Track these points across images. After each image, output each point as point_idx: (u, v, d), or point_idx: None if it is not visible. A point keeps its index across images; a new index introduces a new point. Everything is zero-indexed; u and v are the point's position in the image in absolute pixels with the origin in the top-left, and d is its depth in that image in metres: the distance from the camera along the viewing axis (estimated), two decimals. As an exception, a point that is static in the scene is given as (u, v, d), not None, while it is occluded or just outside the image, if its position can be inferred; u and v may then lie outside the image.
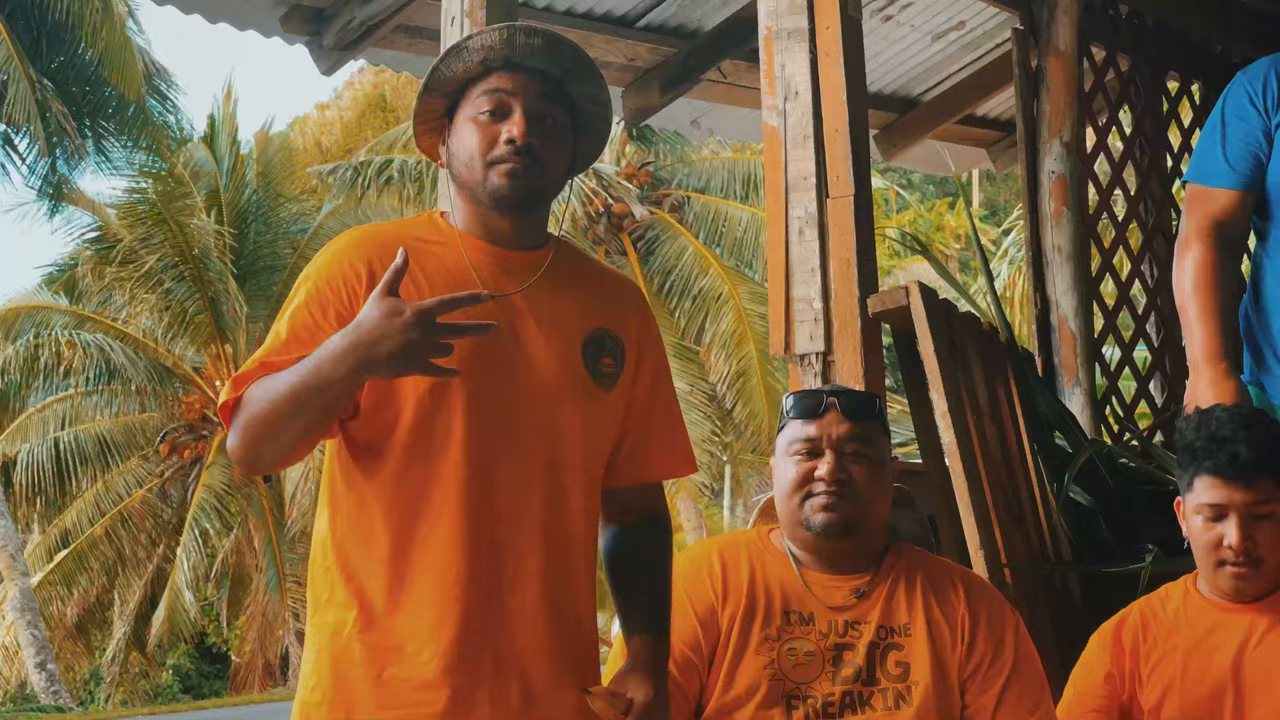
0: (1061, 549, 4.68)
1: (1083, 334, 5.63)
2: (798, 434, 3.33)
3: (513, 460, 2.80)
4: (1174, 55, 6.65)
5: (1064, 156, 5.68)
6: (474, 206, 2.87)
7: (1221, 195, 4.03)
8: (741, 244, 24.61)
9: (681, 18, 6.49)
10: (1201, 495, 3.40)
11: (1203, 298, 3.98)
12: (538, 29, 2.89)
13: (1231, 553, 3.37)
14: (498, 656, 2.77)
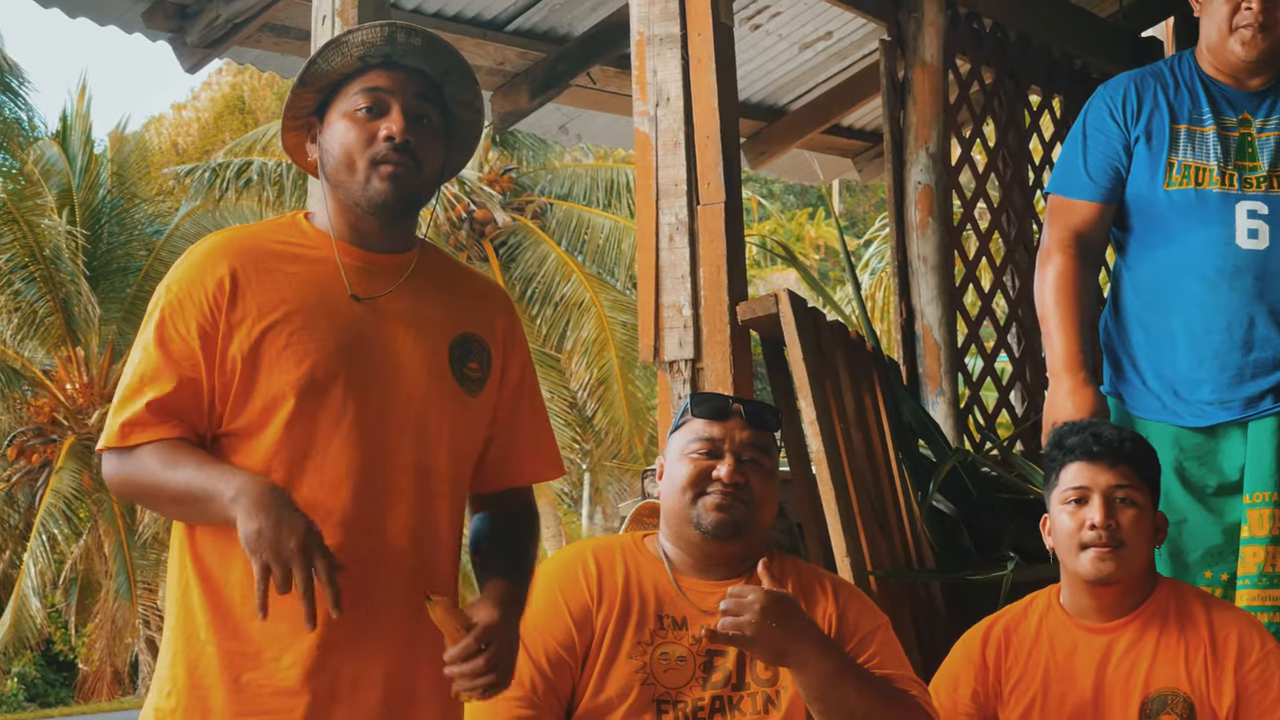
0: (925, 556, 4.72)
1: (946, 343, 5.68)
2: (699, 433, 3.34)
3: (382, 467, 2.78)
4: (1036, 69, 6.75)
5: (930, 167, 5.73)
6: (344, 207, 2.84)
7: (1082, 207, 4.09)
8: (604, 251, 24.59)
9: (552, 22, 6.48)
10: (1067, 483, 3.47)
11: (1063, 308, 4.04)
12: (418, 29, 2.87)
13: (1094, 533, 3.41)
14: (360, 663, 2.74)
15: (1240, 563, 3.90)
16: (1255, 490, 3.91)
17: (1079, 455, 3.47)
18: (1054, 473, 3.52)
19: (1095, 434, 3.49)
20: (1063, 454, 3.51)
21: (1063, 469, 3.50)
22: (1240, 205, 3.95)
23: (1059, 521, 3.48)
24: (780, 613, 3.07)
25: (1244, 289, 3.93)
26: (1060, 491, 3.49)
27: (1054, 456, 3.54)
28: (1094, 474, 3.45)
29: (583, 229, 24.69)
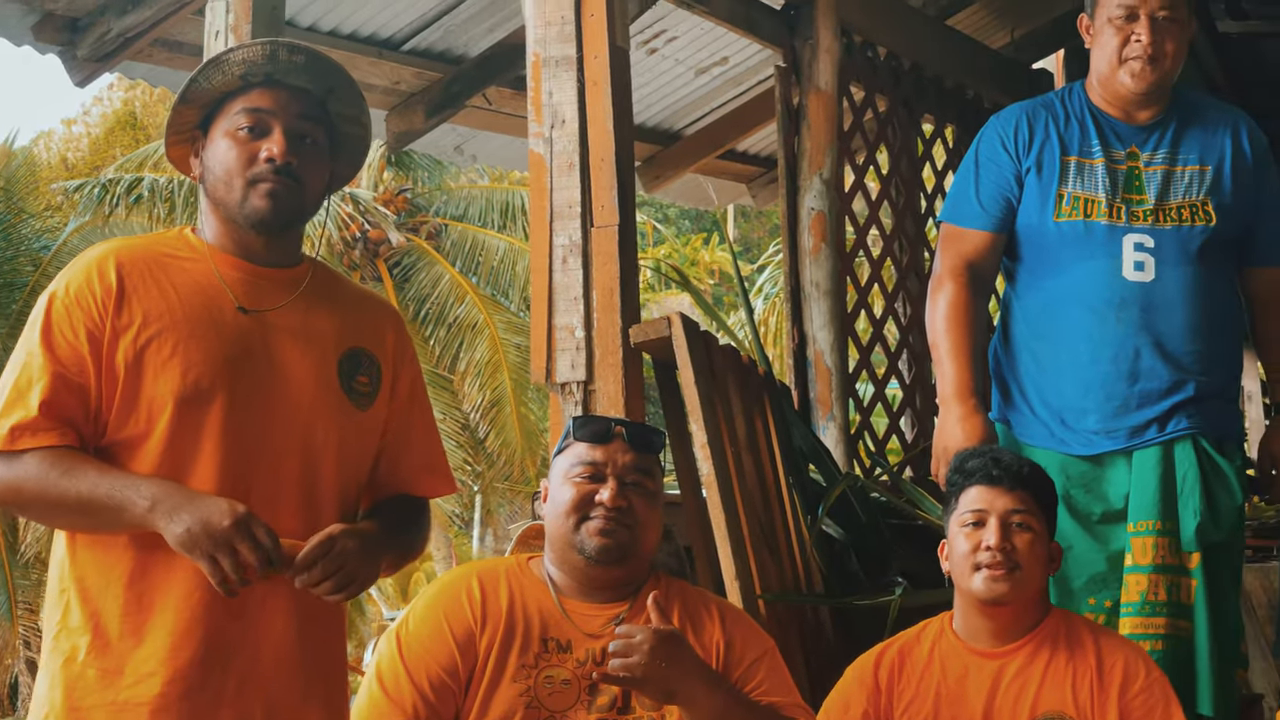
0: (814, 581, 4.73)
1: (838, 369, 5.70)
2: (582, 457, 3.33)
3: (266, 478, 2.77)
4: (929, 98, 6.81)
5: (823, 193, 5.76)
6: (226, 222, 2.83)
7: (974, 236, 4.13)
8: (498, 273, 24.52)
9: (448, 42, 6.46)
10: (966, 506, 3.51)
11: (953, 335, 4.07)
12: (301, 46, 2.86)
13: (989, 554, 3.44)
14: (242, 676, 2.73)
15: (1124, 590, 3.94)
16: (1139, 519, 3.95)
17: (978, 479, 3.51)
18: (954, 496, 3.56)
19: (995, 459, 3.53)
20: (963, 478, 3.55)
21: (962, 493, 3.53)
22: (1127, 238, 3.99)
23: (956, 544, 3.51)
24: (668, 652, 3.08)
25: (1130, 320, 3.97)
26: (959, 514, 3.52)
27: (954, 481, 3.58)
28: (992, 498, 3.49)
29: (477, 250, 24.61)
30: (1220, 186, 4.05)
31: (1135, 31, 3.98)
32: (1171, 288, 3.98)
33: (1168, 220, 4.00)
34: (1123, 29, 3.99)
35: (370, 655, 3.20)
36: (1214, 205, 4.03)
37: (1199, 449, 3.99)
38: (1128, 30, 3.99)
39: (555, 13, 4.60)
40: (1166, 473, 3.96)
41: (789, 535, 4.69)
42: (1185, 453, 3.98)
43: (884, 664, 3.55)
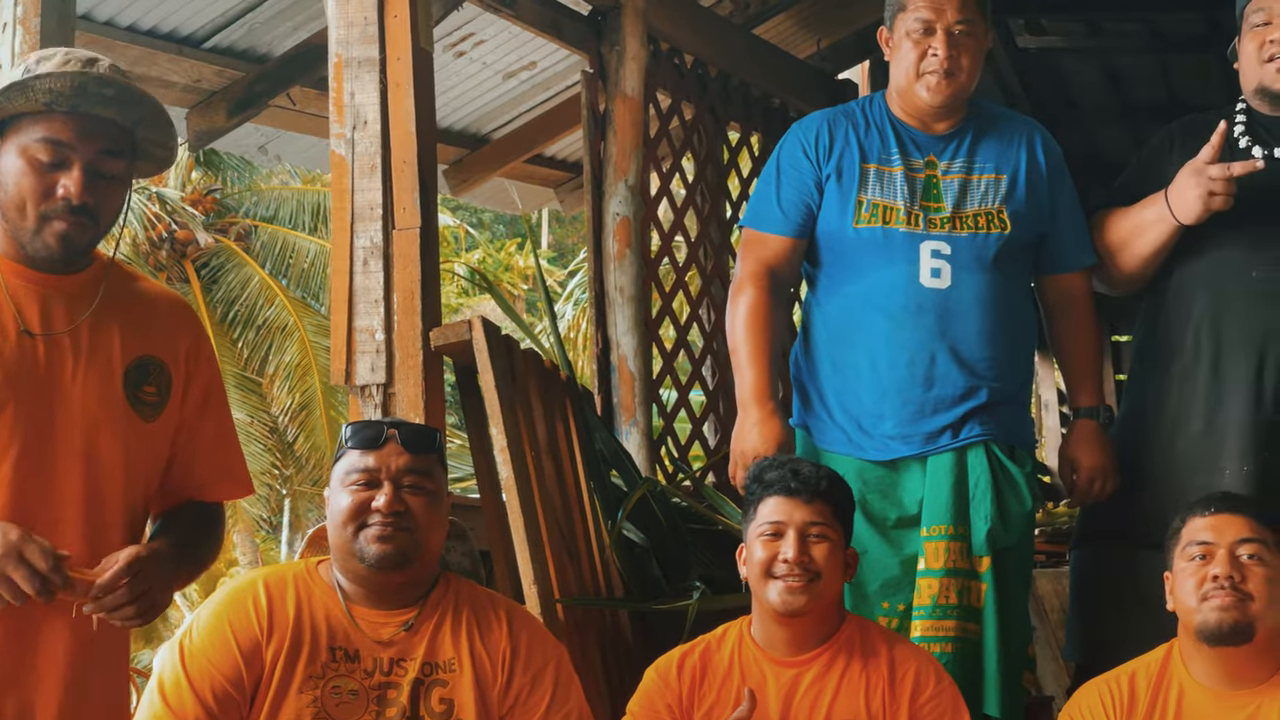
0: (614, 585, 4.73)
1: (641, 375, 5.72)
2: (356, 464, 3.28)
3: (51, 499, 2.71)
4: (736, 106, 6.86)
5: (629, 199, 5.77)
6: (11, 238, 2.77)
7: (775, 241, 4.15)
8: (309, 275, 24.26)
9: (251, 41, 6.37)
10: (764, 516, 3.53)
11: (753, 340, 4.09)
12: (111, 79, 2.79)
13: (786, 565, 3.47)
14: (23, 702, 2.69)
15: (916, 594, 3.98)
16: (932, 524, 4.00)
17: (777, 490, 3.53)
18: (752, 506, 3.58)
19: (794, 470, 3.55)
20: (761, 488, 3.56)
21: (761, 503, 3.55)
22: (924, 245, 4.04)
23: (754, 553, 3.53)
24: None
25: (926, 327, 4.02)
26: (757, 525, 3.54)
27: (753, 490, 3.59)
28: (790, 509, 3.51)
29: (288, 252, 24.33)
30: (1015, 195, 4.11)
31: (932, 45, 4.02)
32: (967, 294, 4.03)
33: (964, 228, 4.06)
34: (920, 43, 4.04)
35: (157, 660, 3.14)
36: (1009, 213, 4.09)
37: (991, 455, 4.05)
38: (925, 44, 4.03)
39: (358, 14, 4.56)
40: (959, 478, 4.02)
41: (589, 540, 4.69)
42: (978, 458, 4.04)
43: (686, 667, 3.55)
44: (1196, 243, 4.18)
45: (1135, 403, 4.37)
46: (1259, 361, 4.09)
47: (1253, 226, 4.13)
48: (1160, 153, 4.35)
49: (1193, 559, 3.49)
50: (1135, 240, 4.21)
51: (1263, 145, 4.17)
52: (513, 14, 5.79)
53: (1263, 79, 4.15)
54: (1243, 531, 3.48)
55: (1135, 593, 4.11)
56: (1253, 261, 4.12)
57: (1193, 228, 4.15)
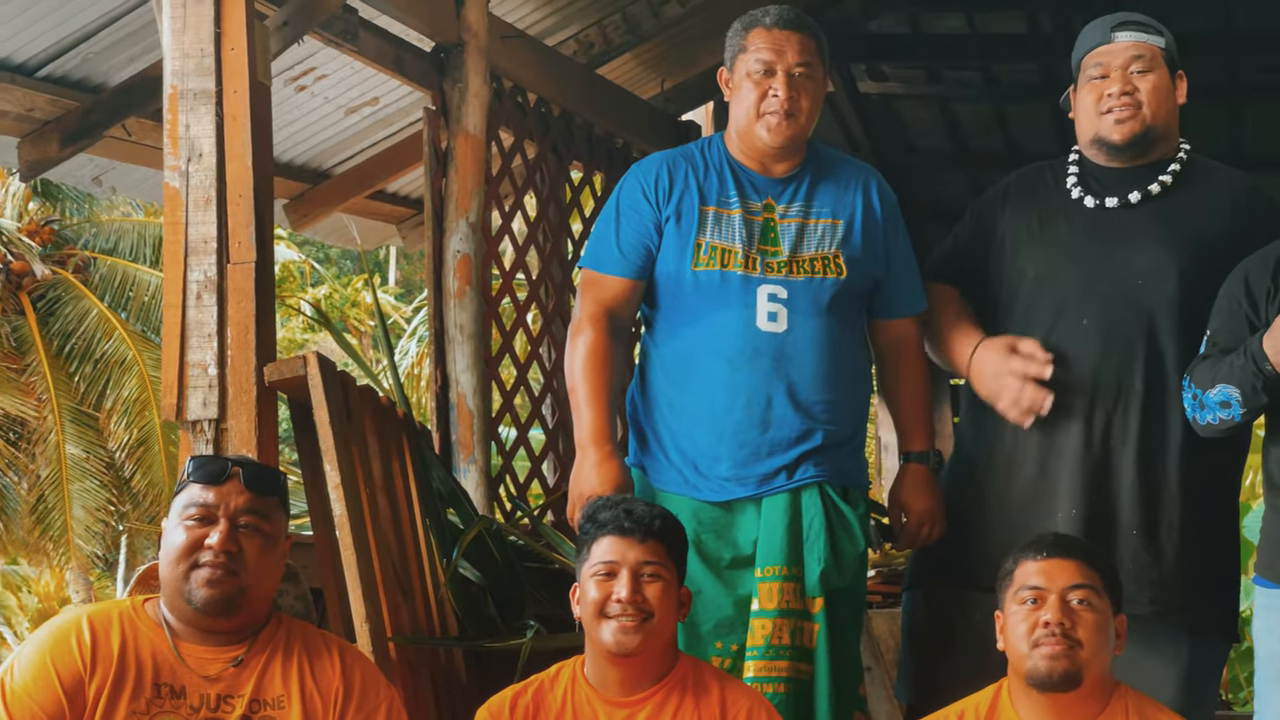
0: (448, 624, 4.70)
1: (480, 412, 5.69)
2: (194, 499, 3.25)
3: None
4: (579, 145, 6.87)
5: (469, 236, 5.75)
6: None
7: (613, 282, 4.16)
8: (149, 309, 23.89)
9: (87, 70, 6.26)
10: (598, 556, 3.52)
11: (591, 381, 4.09)
12: None
13: (619, 605, 3.47)
14: None
15: (749, 634, 4.00)
16: (766, 564, 4.02)
17: (610, 530, 3.53)
18: (586, 545, 3.57)
19: (628, 510, 3.55)
20: (595, 528, 3.56)
21: (594, 542, 3.55)
22: (762, 288, 4.06)
23: (587, 593, 3.52)
24: None
25: (763, 370, 4.04)
26: (590, 565, 3.53)
27: (586, 530, 3.58)
28: (624, 549, 3.51)
29: (128, 285, 23.95)
30: (851, 240, 4.15)
31: (773, 87, 4.05)
32: (803, 338, 4.06)
33: (801, 272, 4.09)
34: (760, 84, 4.07)
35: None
36: (845, 258, 4.12)
37: (825, 496, 4.08)
38: (765, 85, 4.06)
39: (194, 45, 4.51)
40: (794, 519, 4.04)
41: (424, 578, 4.66)
42: (812, 500, 4.06)
43: (519, 706, 3.53)
44: (1029, 293, 4.26)
45: (967, 446, 4.42)
46: (1089, 407, 4.16)
47: (1082, 274, 4.21)
48: (994, 206, 4.43)
49: (1024, 603, 3.52)
50: (948, 356, 4.36)
51: (1094, 195, 4.24)
52: (355, 49, 5.74)
53: (1100, 130, 4.23)
54: (1074, 577, 3.53)
55: (966, 634, 4.16)
56: (1083, 308, 4.20)
57: (1026, 275, 4.24)
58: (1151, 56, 4.18)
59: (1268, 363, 3.77)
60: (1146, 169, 4.25)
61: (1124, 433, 4.15)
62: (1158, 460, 4.15)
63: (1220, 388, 3.88)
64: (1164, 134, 4.23)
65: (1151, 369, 4.16)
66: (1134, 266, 4.17)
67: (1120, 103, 4.18)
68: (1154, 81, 4.18)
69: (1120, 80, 4.18)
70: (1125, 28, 4.21)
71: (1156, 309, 4.16)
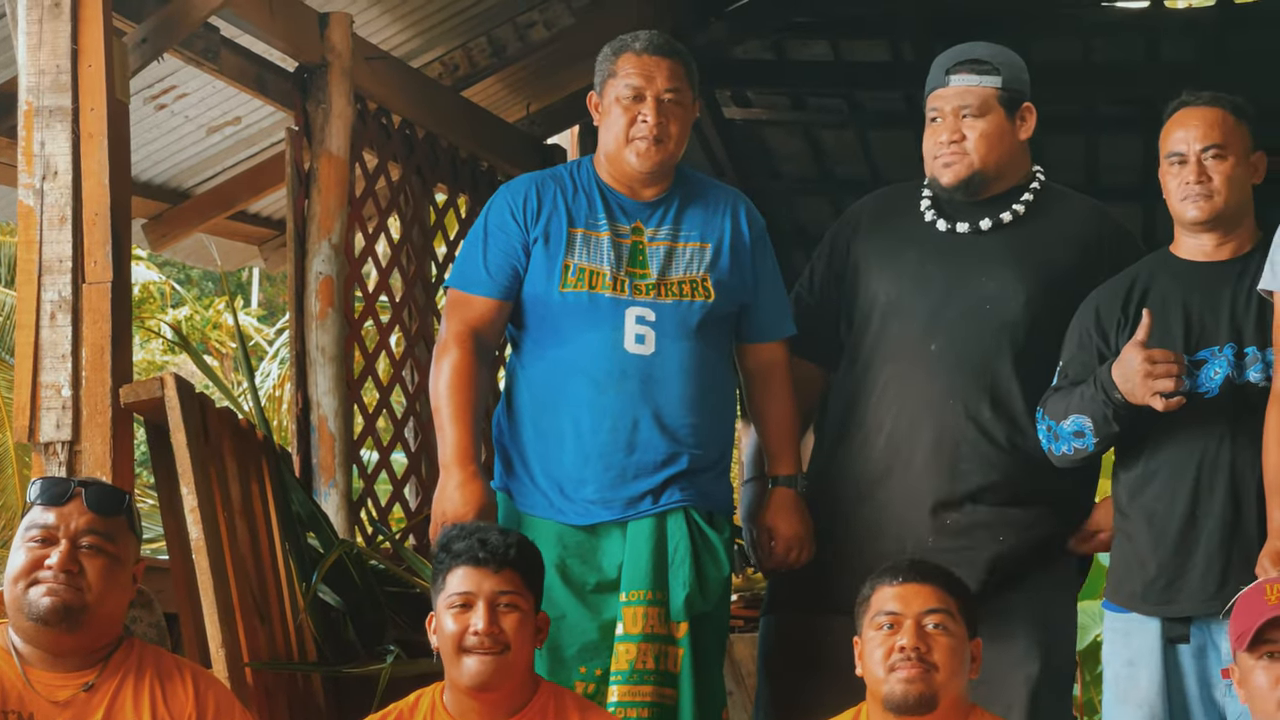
0: (307, 649, 4.65)
1: (342, 435, 5.64)
2: (36, 520, 3.22)
3: None
4: (443, 168, 6.83)
5: (332, 258, 5.70)
6: None
7: (480, 303, 4.14)
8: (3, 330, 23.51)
9: (-61, 86, 6.15)
10: (453, 587, 3.49)
11: (456, 402, 4.07)
12: None
13: (476, 638, 3.44)
14: None
15: (614, 659, 3.99)
16: (631, 589, 4.02)
17: (464, 560, 3.50)
18: (441, 576, 3.53)
19: (482, 540, 3.52)
20: (450, 558, 3.53)
21: (449, 573, 3.51)
22: (630, 311, 4.07)
23: (444, 625, 3.49)
24: None
25: (630, 392, 4.04)
26: (446, 596, 3.50)
27: (442, 560, 3.55)
28: (479, 579, 3.48)
29: (-19, 305, 23.56)
30: (719, 264, 4.16)
31: (642, 112, 4.06)
32: (670, 361, 4.07)
33: (669, 295, 4.09)
34: (630, 109, 4.08)
35: None
36: (713, 282, 4.14)
37: (691, 521, 4.08)
38: (635, 110, 4.07)
39: (50, 61, 4.43)
40: (659, 543, 4.04)
41: (282, 602, 4.60)
42: (678, 524, 4.07)
43: None
44: (881, 318, 4.30)
45: (822, 472, 4.45)
46: (937, 432, 4.21)
47: (932, 298, 4.26)
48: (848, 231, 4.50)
49: (881, 628, 3.55)
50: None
51: (946, 220, 4.30)
52: (216, 68, 5.68)
53: (933, 172, 4.31)
54: (930, 602, 3.55)
55: (825, 658, 4.18)
56: (930, 334, 4.24)
57: (879, 299, 4.27)
58: (982, 101, 4.24)
59: (1117, 392, 3.84)
60: (999, 198, 4.30)
61: (973, 458, 4.20)
62: (1002, 483, 4.21)
63: (1073, 418, 3.95)
64: (998, 174, 4.29)
65: (998, 394, 4.21)
66: (983, 292, 4.23)
67: (949, 150, 4.25)
68: (982, 128, 4.24)
69: (949, 128, 4.25)
70: (959, 70, 4.27)
71: (1004, 334, 4.22)
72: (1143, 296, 4.01)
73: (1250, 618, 3.32)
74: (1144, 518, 3.96)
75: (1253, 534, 3.84)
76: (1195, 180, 3.93)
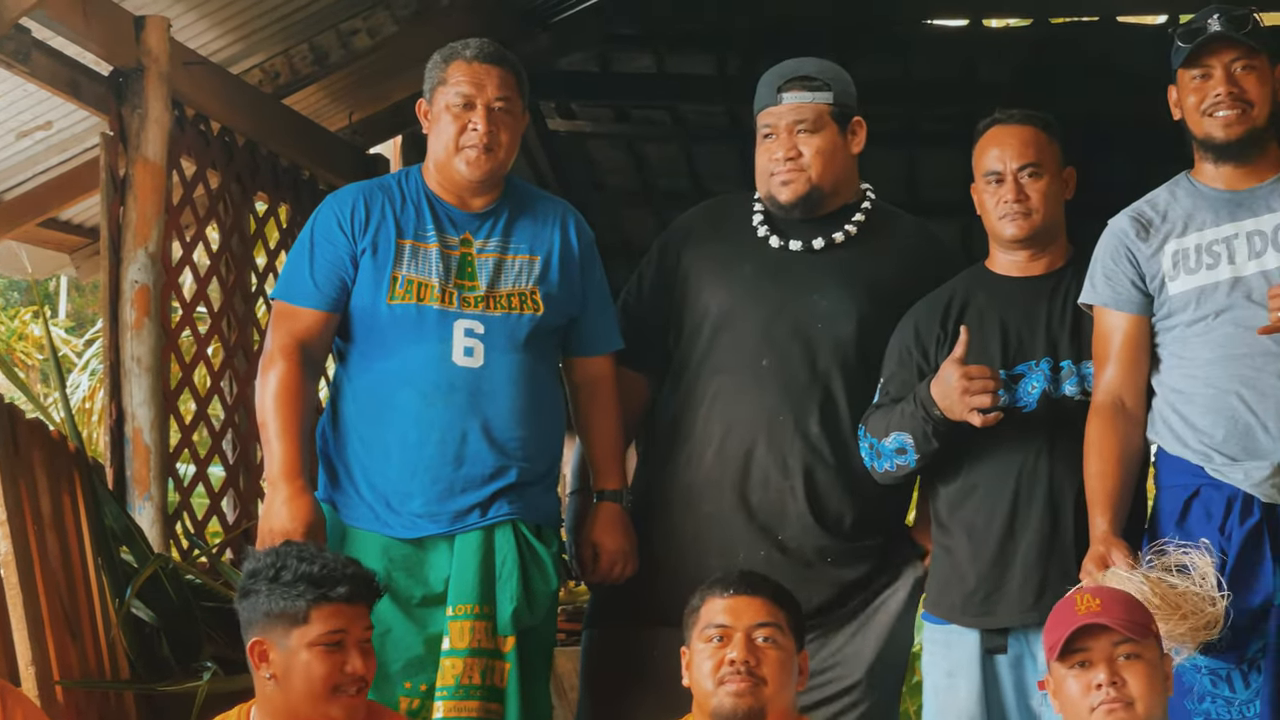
0: (120, 666, 4.54)
1: (158, 448, 5.51)
2: None
3: None
4: (264, 176, 6.73)
5: (149, 267, 5.57)
6: None
7: (306, 315, 4.09)
8: None
9: None
10: (323, 625, 3.38)
11: (283, 414, 4.02)
12: None
13: (348, 678, 3.38)
14: None
15: (440, 674, 3.96)
16: (459, 603, 3.99)
17: (343, 598, 3.42)
18: (302, 609, 3.41)
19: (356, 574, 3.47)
20: (313, 589, 3.41)
21: (315, 608, 3.41)
22: (458, 323, 4.05)
23: (311, 664, 3.39)
24: None
25: (458, 405, 4.02)
26: (311, 632, 3.40)
27: (300, 590, 3.41)
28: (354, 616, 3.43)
29: None
30: (548, 277, 4.15)
31: (472, 120, 4.04)
32: (499, 374, 4.05)
33: (498, 307, 4.07)
34: (460, 117, 4.05)
35: None
36: (542, 295, 4.13)
37: (519, 534, 4.06)
38: (465, 119, 4.05)
39: None
40: (486, 557, 4.02)
41: (94, 618, 4.50)
42: (505, 538, 4.05)
43: None
44: (712, 330, 4.31)
45: (648, 483, 4.44)
46: (768, 447, 4.25)
47: (764, 314, 4.28)
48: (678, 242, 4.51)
49: (710, 640, 3.55)
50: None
51: (779, 236, 4.32)
52: (27, 70, 5.52)
53: (770, 189, 4.33)
54: (760, 615, 3.56)
55: (647, 671, 4.20)
56: (761, 350, 4.26)
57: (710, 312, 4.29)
58: (816, 117, 4.28)
59: (936, 408, 3.89)
60: (831, 216, 4.33)
61: (799, 471, 4.22)
62: (829, 498, 4.24)
63: (895, 435, 3.99)
64: (834, 190, 4.34)
65: (827, 411, 4.24)
66: (814, 310, 4.26)
67: (785, 168, 4.28)
68: (818, 144, 4.28)
69: (784, 145, 4.28)
70: (791, 87, 4.30)
71: (835, 352, 4.26)
72: (960, 312, 4.07)
73: (1061, 628, 3.37)
74: (963, 531, 4.02)
75: (1070, 546, 3.92)
76: (1013, 199, 4.00)
